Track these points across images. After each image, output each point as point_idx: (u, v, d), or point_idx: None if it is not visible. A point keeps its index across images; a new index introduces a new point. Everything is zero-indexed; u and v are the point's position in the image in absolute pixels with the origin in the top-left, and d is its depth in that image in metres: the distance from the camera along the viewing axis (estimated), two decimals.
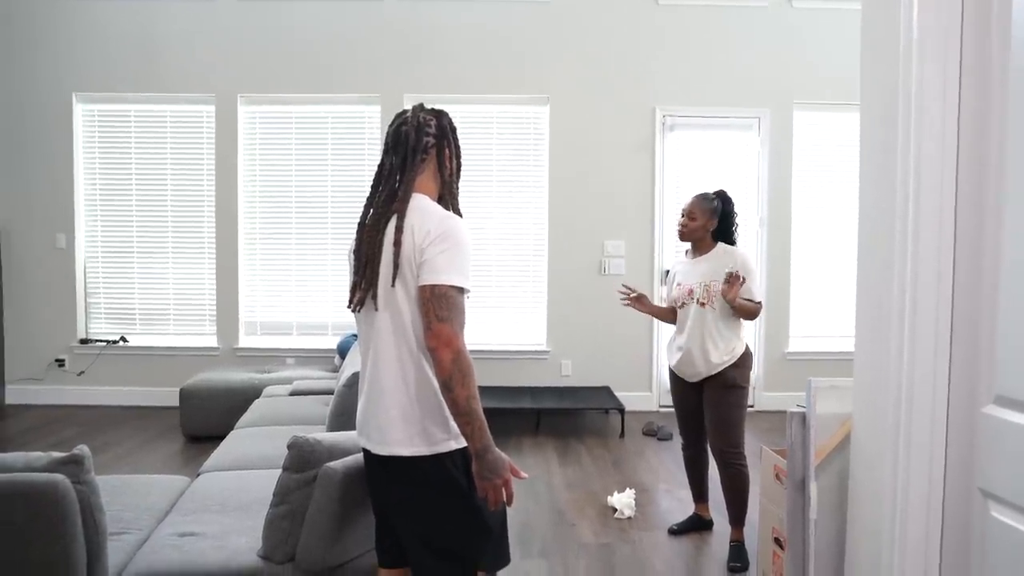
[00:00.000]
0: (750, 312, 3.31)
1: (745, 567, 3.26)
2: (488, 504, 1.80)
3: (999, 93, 1.62)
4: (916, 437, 1.75)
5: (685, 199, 3.48)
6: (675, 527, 3.67)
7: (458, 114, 6.24)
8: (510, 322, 6.30)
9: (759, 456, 3.00)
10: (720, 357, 3.32)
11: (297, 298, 6.31)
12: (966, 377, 1.71)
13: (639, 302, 3.55)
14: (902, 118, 1.76)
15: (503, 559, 2.02)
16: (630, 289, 3.57)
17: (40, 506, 1.96)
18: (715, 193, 3.45)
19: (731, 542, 3.38)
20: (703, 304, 3.34)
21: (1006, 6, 1.59)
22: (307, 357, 6.15)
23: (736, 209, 3.49)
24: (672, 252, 6.06)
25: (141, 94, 6.16)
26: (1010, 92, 1.58)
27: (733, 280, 3.19)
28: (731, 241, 3.45)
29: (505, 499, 1.79)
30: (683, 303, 3.44)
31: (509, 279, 6.31)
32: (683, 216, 3.41)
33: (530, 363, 6.23)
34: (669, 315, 3.63)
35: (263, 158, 6.27)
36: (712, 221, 3.40)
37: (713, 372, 3.33)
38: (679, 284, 3.47)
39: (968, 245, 1.70)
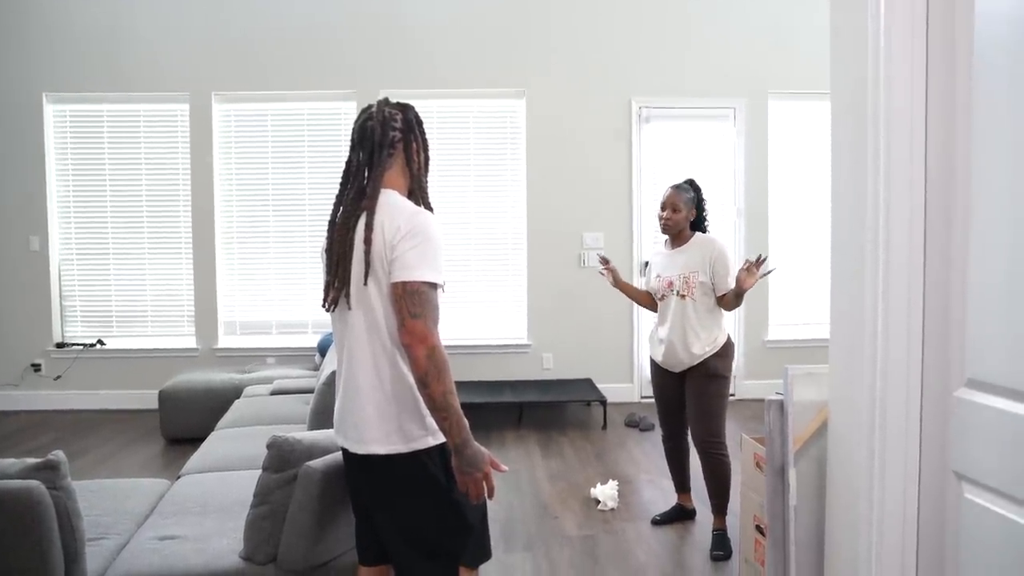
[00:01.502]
0: (736, 302, 3.30)
1: (728, 555, 3.29)
2: (469, 498, 1.79)
3: (964, 82, 1.64)
4: (891, 422, 1.77)
5: (662, 192, 3.48)
6: (658, 517, 3.69)
7: (435, 109, 6.28)
8: (491, 316, 6.30)
9: (739, 445, 3.02)
10: (703, 347, 3.33)
11: (276, 297, 6.27)
12: (939, 362, 1.73)
13: (614, 274, 3.58)
14: (871, 109, 1.78)
15: (485, 553, 2.02)
16: (606, 260, 3.60)
17: (15, 513, 1.93)
18: (686, 182, 3.47)
19: (714, 531, 3.40)
20: (683, 296, 3.35)
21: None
22: (288, 356, 6.10)
23: (704, 196, 3.51)
24: (651, 243, 6.08)
25: (113, 93, 6.08)
26: (975, 81, 1.60)
27: (752, 268, 3.14)
28: (703, 229, 3.47)
29: (486, 493, 1.79)
30: (663, 295, 3.45)
31: (489, 273, 6.30)
32: (665, 210, 3.41)
33: (511, 357, 6.23)
34: (643, 297, 3.64)
35: (239, 156, 6.21)
36: (692, 211, 3.42)
37: (696, 362, 3.35)
38: (658, 276, 3.48)
39: (938, 233, 1.72)
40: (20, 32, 6.01)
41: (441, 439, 1.81)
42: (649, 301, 3.61)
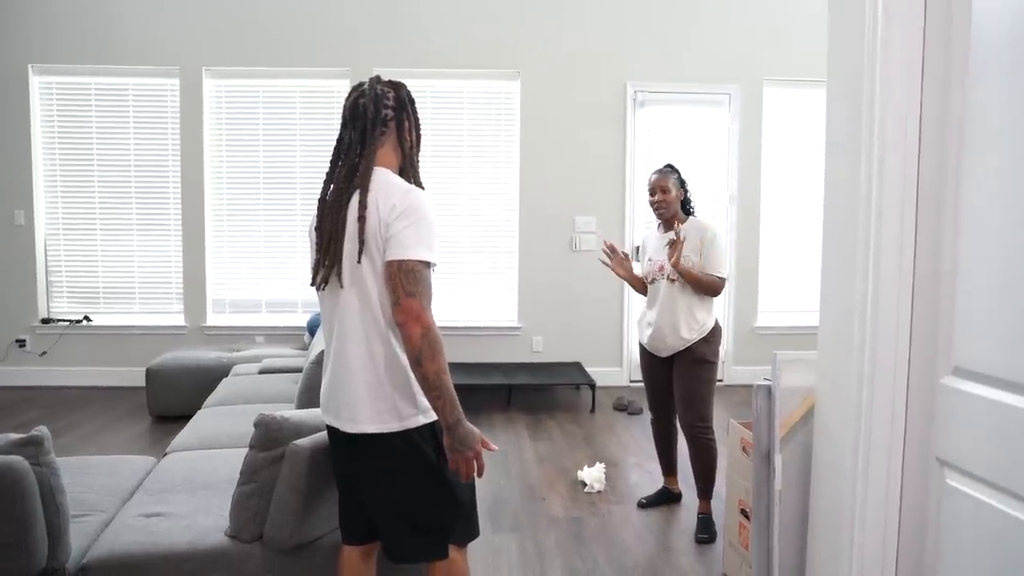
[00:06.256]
0: (706, 286, 3.29)
1: (712, 538, 3.31)
2: (460, 477, 1.80)
3: (960, 70, 1.63)
4: (877, 408, 1.78)
5: (648, 179, 3.47)
6: (644, 500, 3.71)
7: (428, 89, 6.23)
8: (482, 299, 6.29)
9: (727, 430, 3.04)
10: (690, 332, 3.34)
11: (266, 275, 6.23)
12: (926, 350, 1.74)
13: (620, 266, 3.52)
14: (867, 96, 1.77)
15: (473, 532, 2.03)
16: (612, 250, 3.52)
17: None
18: (667, 166, 3.46)
19: (699, 514, 3.43)
20: (673, 280, 3.35)
21: None
22: (276, 335, 6.09)
23: (684, 177, 3.49)
24: (644, 228, 6.07)
25: (101, 66, 5.99)
26: (971, 68, 1.59)
27: (675, 245, 3.19)
28: (689, 210, 3.47)
29: (476, 471, 1.80)
30: (653, 278, 3.44)
31: (480, 256, 6.29)
32: (655, 194, 3.39)
33: (502, 339, 6.23)
34: (638, 283, 3.63)
35: (230, 133, 6.15)
36: (681, 191, 3.42)
37: (683, 347, 3.36)
38: (650, 259, 3.48)
39: (929, 222, 1.72)
40: (5, 2, 5.91)
41: (433, 417, 1.82)
42: (642, 286, 3.60)
